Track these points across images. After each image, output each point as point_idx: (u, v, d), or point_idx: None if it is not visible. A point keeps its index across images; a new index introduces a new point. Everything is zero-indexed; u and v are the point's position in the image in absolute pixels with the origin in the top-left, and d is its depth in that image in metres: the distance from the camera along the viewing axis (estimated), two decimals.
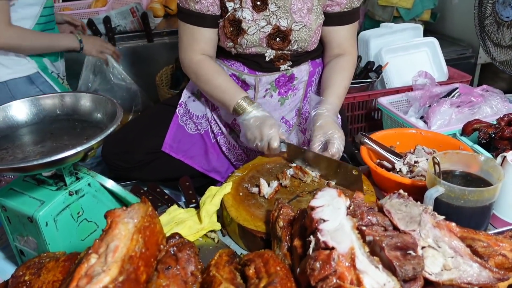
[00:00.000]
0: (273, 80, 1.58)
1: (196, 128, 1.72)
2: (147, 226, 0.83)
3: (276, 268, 0.86)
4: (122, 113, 1.05)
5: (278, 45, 1.50)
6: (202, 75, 1.52)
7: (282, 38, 1.48)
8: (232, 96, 1.47)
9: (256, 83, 1.58)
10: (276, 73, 1.57)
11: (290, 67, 1.58)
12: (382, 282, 0.79)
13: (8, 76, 1.92)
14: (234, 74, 1.58)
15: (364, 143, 1.45)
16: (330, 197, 0.99)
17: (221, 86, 1.50)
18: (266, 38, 1.48)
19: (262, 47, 1.51)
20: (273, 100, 1.61)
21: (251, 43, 1.48)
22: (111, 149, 1.65)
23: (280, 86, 1.60)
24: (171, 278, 0.80)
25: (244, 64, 1.57)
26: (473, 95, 1.76)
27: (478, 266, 0.82)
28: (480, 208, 1.11)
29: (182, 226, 1.18)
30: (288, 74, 1.58)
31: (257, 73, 1.56)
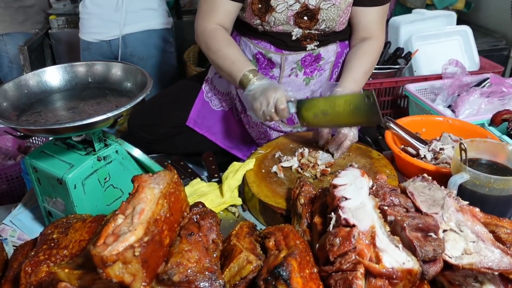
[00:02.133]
0: (299, 60, 1.57)
1: (221, 105, 1.73)
2: (172, 192, 0.85)
3: (295, 242, 0.87)
4: (152, 83, 1.06)
5: (306, 24, 1.48)
6: (213, 44, 1.51)
7: (310, 16, 1.47)
8: (240, 67, 1.44)
9: (282, 62, 1.57)
10: (303, 52, 1.56)
11: (317, 47, 1.56)
12: (402, 261, 0.79)
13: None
14: (261, 52, 1.58)
15: (389, 128, 1.44)
16: (353, 176, 1.00)
17: (231, 57, 1.47)
18: (293, 17, 1.47)
19: (289, 25, 1.49)
20: (298, 80, 1.60)
21: (278, 21, 1.47)
22: (137, 121, 1.68)
23: (306, 66, 1.58)
24: (193, 244, 0.82)
25: (270, 43, 1.56)
26: (504, 85, 1.72)
27: (500, 252, 0.82)
28: (505, 197, 1.09)
29: (204, 198, 1.20)
30: (314, 54, 1.57)
31: (284, 52, 1.56)
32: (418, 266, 0.78)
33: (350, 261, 0.80)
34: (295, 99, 1.36)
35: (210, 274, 0.77)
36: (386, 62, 2.27)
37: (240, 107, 1.70)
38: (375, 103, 1.24)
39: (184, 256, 0.78)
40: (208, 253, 0.82)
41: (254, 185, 1.25)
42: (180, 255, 0.78)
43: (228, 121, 1.74)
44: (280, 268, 0.72)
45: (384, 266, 0.77)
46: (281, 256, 0.77)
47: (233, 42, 1.54)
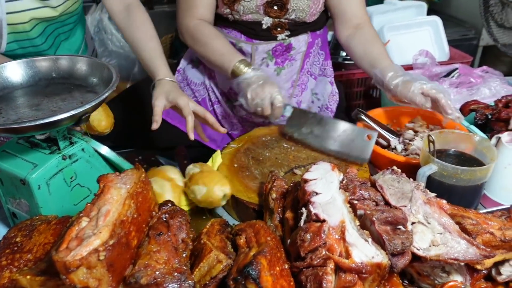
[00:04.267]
0: (270, 49, 1.56)
1: (194, 95, 1.70)
2: (139, 192, 0.83)
3: (266, 238, 0.86)
4: (118, 78, 1.03)
5: (276, 13, 1.47)
6: (200, 38, 1.50)
7: (280, 6, 1.45)
8: (231, 58, 1.43)
9: (253, 52, 1.55)
10: (273, 42, 1.55)
11: (288, 37, 1.55)
12: (371, 255, 0.79)
13: None
14: (232, 41, 1.56)
15: (360, 119, 1.45)
16: (323, 171, 1.00)
17: (219, 49, 1.47)
18: (263, 6, 1.46)
19: (259, 14, 1.48)
20: (269, 70, 1.59)
21: (247, 9, 1.46)
22: None
23: (277, 56, 1.57)
24: (162, 244, 0.81)
25: (241, 32, 1.54)
26: (472, 76, 1.75)
27: (465, 243, 0.83)
28: (471, 187, 1.12)
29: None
30: (285, 44, 1.56)
31: (254, 41, 1.54)
32: (387, 260, 0.79)
33: (321, 256, 0.80)
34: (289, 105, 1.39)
35: (179, 275, 0.76)
36: None
37: (213, 98, 1.68)
38: (372, 144, 1.28)
39: (152, 258, 0.77)
40: (178, 253, 0.81)
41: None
42: (148, 257, 0.77)
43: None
44: (249, 267, 0.72)
45: (354, 261, 0.78)
46: (250, 255, 0.77)
47: (220, 34, 1.52)
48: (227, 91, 1.65)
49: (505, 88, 1.73)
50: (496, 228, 0.88)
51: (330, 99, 1.71)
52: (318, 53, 1.67)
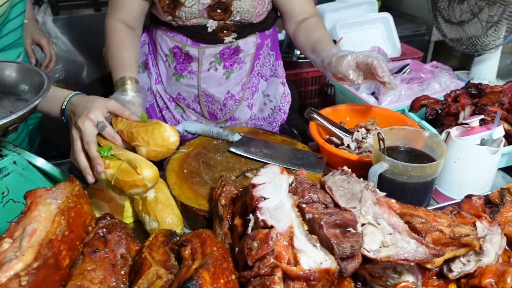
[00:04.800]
0: (217, 53, 1.51)
1: None
2: (71, 207, 0.77)
3: (212, 249, 0.82)
4: (50, 85, 0.96)
5: (220, 16, 1.43)
6: (108, 43, 1.46)
7: (223, 9, 1.41)
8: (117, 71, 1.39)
9: (200, 56, 1.51)
10: (220, 45, 1.50)
11: (235, 39, 1.51)
12: (319, 261, 0.77)
13: None
14: (178, 46, 1.51)
15: (313, 119, 1.42)
16: (272, 174, 0.96)
17: (115, 60, 1.43)
18: (206, 10, 1.41)
19: (203, 18, 1.43)
20: (218, 74, 1.54)
21: (190, 15, 1.41)
22: (49, 124, 1.55)
23: (225, 59, 1.53)
24: (97, 262, 0.75)
25: (186, 36, 1.50)
26: (423, 71, 1.77)
27: (415, 242, 0.82)
28: (422, 183, 1.11)
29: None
30: (233, 47, 1.52)
31: (201, 45, 1.49)
32: (335, 265, 0.76)
33: (268, 265, 0.76)
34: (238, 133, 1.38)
35: None
36: None
37: (161, 104, 1.62)
38: (324, 162, 1.29)
39: (86, 277, 0.71)
40: (115, 270, 0.76)
41: (175, 187, 1.19)
42: (81, 277, 0.71)
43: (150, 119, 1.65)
44: (189, 283, 0.67)
45: (302, 268, 0.75)
46: (192, 268, 0.72)
47: (126, 44, 1.46)
48: (176, 96, 1.59)
49: (455, 83, 1.75)
50: (445, 225, 0.87)
51: (283, 100, 1.68)
52: (268, 54, 1.63)
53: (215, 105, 1.58)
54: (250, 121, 1.64)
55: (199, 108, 1.60)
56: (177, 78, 1.54)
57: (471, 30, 1.75)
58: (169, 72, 1.56)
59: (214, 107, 1.59)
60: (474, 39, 1.77)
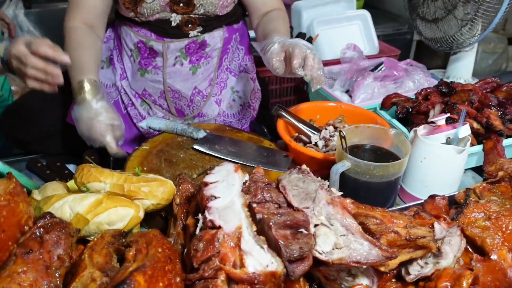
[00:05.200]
0: (182, 47, 1.47)
1: None
2: (4, 205, 0.73)
3: (157, 250, 0.78)
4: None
5: (183, 9, 1.38)
6: (66, 45, 1.39)
7: (185, 3, 1.37)
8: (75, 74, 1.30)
9: (164, 50, 1.46)
10: (185, 39, 1.46)
11: (201, 33, 1.47)
12: (265, 263, 0.73)
13: None
14: (142, 40, 1.47)
15: (281, 116, 1.39)
16: (226, 173, 0.93)
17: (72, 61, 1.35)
18: (168, 4, 1.37)
19: (166, 12, 1.39)
20: (184, 69, 1.50)
21: (152, 11, 1.36)
22: (8, 120, 1.49)
23: (190, 54, 1.49)
24: (30, 263, 0.71)
25: (150, 30, 1.45)
26: (396, 69, 1.74)
27: (368, 244, 0.79)
28: (386, 183, 1.08)
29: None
30: (199, 41, 1.48)
31: (165, 39, 1.45)
32: (282, 268, 0.73)
33: (213, 267, 0.73)
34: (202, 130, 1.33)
35: None
36: None
37: (127, 100, 1.57)
38: (290, 160, 1.26)
39: (15, 280, 0.67)
40: (49, 272, 0.71)
41: None
42: (8, 279, 0.67)
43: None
44: (121, 286, 0.64)
45: (245, 271, 0.71)
46: (128, 271, 0.68)
47: (84, 44, 1.39)
48: (142, 93, 1.55)
49: (428, 81, 1.73)
50: (401, 226, 0.84)
51: (252, 96, 1.64)
52: (237, 49, 1.59)
53: (182, 101, 1.54)
54: (219, 118, 1.60)
55: (165, 104, 1.55)
56: (142, 73, 1.50)
57: (446, 27, 1.73)
58: (134, 68, 1.51)
59: (181, 103, 1.55)
60: (448, 37, 1.75)
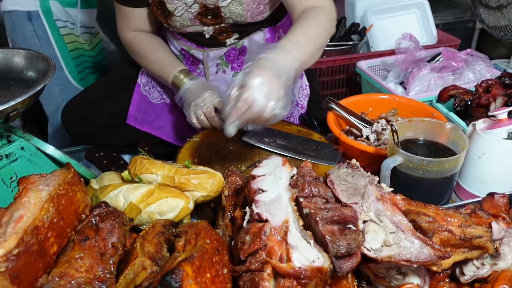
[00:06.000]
0: (222, 55, 1.46)
1: (161, 97, 1.62)
2: (63, 194, 0.77)
3: (205, 241, 0.80)
4: (55, 70, 0.97)
5: (213, 21, 1.36)
6: (138, 51, 1.44)
7: (213, 15, 1.33)
8: (170, 69, 1.38)
9: (204, 58, 1.46)
10: (224, 48, 1.44)
11: (239, 39, 1.43)
12: (312, 258, 0.73)
13: (11, 6, 1.84)
14: (184, 48, 1.48)
15: (331, 109, 1.37)
16: (273, 166, 0.92)
17: (158, 60, 1.41)
18: (196, 18, 1.35)
19: (197, 25, 1.37)
20: (227, 76, 1.49)
21: (183, 24, 1.36)
22: (71, 115, 1.56)
23: (231, 61, 1.47)
24: (87, 250, 0.74)
25: (189, 40, 1.46)
26: (455, 59, 1.66)
27: (419, 242, 0.76)
28: (440, 179, 1.04)
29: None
30: (238, 47, 1.45)
31: (205, 48, 1.45)
32: (328, 264, 0.72)
33: (259, 260, 0.73)
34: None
35: (99, 284, 0.70)
36: (341, 38, 2.19)
37: None
38: (339, 154, 1.23)
39: (73, 265, 0.71)
40: (104, 259, 0.75)
41: None
42: (67, 265, 0.71)
43: (171, 114, 1.63)
44: (169, 276, 0.65)
45: (292, 266, 0.71)
46: (177, 261, 0.70)
47: (159, 44, 1.45)
48: None
49: (490, 72, 1.64)
50: (455, 225, 0.81)
51: (300, 94, 1.60)
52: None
53: None
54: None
55: None
56: None
57: (511, 14, 1.62)
58: None
59: None
60: None
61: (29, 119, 2.46)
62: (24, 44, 1.84)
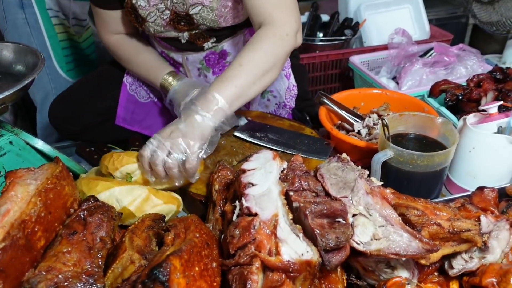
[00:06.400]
0: (201, 59, 1.43)
1: (148, 96, 1.59)
2: (50, 188, 0.76)
3: (194, 235, 0.79)
4: (43, 64, 0.96)
5: (186, 27, 1.31)
6: (122, 55, 1.41)
7: (186, 21, 1.29)
8: (157, 72, 1.35)
9: (184, 62, 1.44)
10: (202, 51, 1.41)
11: (217, 43, 1.39)
12: (301, 251, 0.73)
13: None
14: (164, 51, 1.46)
15: (323, 104, 1.37)
16: (264, 160, 0.92)
17: (144, 64, 1.39)
18: (169, 24, 1.30)
19: (171, 31, 1.34)
20: (209, 80, 1.46)
21: (156, 30, 1.32)
22: (57, 112, 1.54)
23: (212, 65, 1.44)
24: (74, 244, 0.74)
25: (168, 43, 1.43)
26: (447, 54, 1.66)
27: (408, 236, 0.76)
28: (430, 173, 1.04)
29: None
30: (217, 51, 1.41)
31: (184, 52, 1.42)
32: (317, 257, 0.72)
33: (248, 254, 0.73)
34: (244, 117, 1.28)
35: (87, 277, 0.69)
36: (334, 33, 2.18)
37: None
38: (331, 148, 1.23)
39: (60, 259, 0.71)
40: (91, 253, 0.74)
41: None
42: (54, 259, 0.70)
43: (160, 112, 1.61)
44: (157, 270, 0.65)
45: (280, 259, 0.71)
46: (165, 255, 0.70)
47: (143, 47, 1.42)
48: None
49: (482, 67, 1.64)
50: (444, 218, 0.81)
51: (287, 95, 1.56)
52: None
53: None
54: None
55: None
56: None
57: (503, 9, 1.62)
58: None
59: None
60: (506, 19, 1.64)
61: (20, 114, 2.44)
62: (15, 32, 1.81)
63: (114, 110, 1.57)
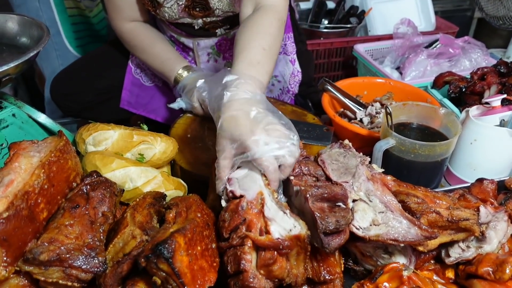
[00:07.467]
0: (213, 45, 1.42)
1: (153, 80, 1.58)
2: (54, 161, 0.76)
3: (196, 215, 0.80)
4: (49, 37, 0.95)
5: (201, 14, 1.30)
6: (136, 45, 1.38)
7: (202, 7, 1.28)
8: (172, 66, 1.33)
9: (195, 47, 1.43)
10: (214, 37, 1.40)
11: (229, 29, 1.39)
12: (289, 227, 0.73)
13: None
14: (173, 35, 1.44)
15: (326, 90, 1.37)
16: None
17: (159, 56, 1.36)
18: (185, 10, 1.29)
19: (186, 18, 1.32)
20: (219, 65, 1.45)
21: (171, 16, 1.31)
22: (59, 89, 1.52)
23: (223, 51, 1.43)
24: (76, 218, 0.74)
25: (179, 28, 1.41)
26: (452, 46, 1.66)
27: (407, 222, 0.77)
28: (431, 163, 1.05)
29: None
30: (229, 37, 1.41)
31: (195, 37, 1.41)
32: (305, 231, 0.72)
33: (240, 235, 0.73)
34: None
35: (89, 251, 0.70)
36: (340, 21, 2.17)
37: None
38: (331, 134, 1.22)
39: (62, 232, 0.71)
40: (93, 227, 0.75)
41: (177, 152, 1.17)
42: (56, 231, 0.71)
43: (164, 95, 1.59)
44: (162, 246, 0.66)
45: (270, 238, 0.71)
46: (169, 232, 0.70)
47: (158, 37, 1.39)
48: None
49: (486, 60, 1.64)
50: (443, 207, 0.82)
51: (291, 81, 1.55)
52: None
53: None
54: None
55: None
56: None
57: (510, 4, 1.62)
58: None
59: None
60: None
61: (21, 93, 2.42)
62: (24, 5, 1.78)
63: (115, 90, 1.56)
